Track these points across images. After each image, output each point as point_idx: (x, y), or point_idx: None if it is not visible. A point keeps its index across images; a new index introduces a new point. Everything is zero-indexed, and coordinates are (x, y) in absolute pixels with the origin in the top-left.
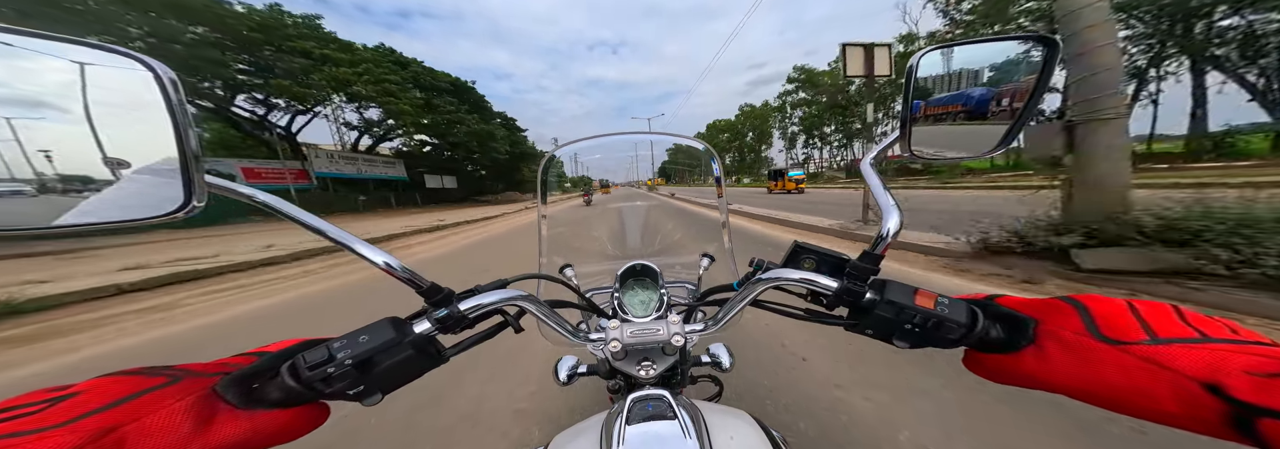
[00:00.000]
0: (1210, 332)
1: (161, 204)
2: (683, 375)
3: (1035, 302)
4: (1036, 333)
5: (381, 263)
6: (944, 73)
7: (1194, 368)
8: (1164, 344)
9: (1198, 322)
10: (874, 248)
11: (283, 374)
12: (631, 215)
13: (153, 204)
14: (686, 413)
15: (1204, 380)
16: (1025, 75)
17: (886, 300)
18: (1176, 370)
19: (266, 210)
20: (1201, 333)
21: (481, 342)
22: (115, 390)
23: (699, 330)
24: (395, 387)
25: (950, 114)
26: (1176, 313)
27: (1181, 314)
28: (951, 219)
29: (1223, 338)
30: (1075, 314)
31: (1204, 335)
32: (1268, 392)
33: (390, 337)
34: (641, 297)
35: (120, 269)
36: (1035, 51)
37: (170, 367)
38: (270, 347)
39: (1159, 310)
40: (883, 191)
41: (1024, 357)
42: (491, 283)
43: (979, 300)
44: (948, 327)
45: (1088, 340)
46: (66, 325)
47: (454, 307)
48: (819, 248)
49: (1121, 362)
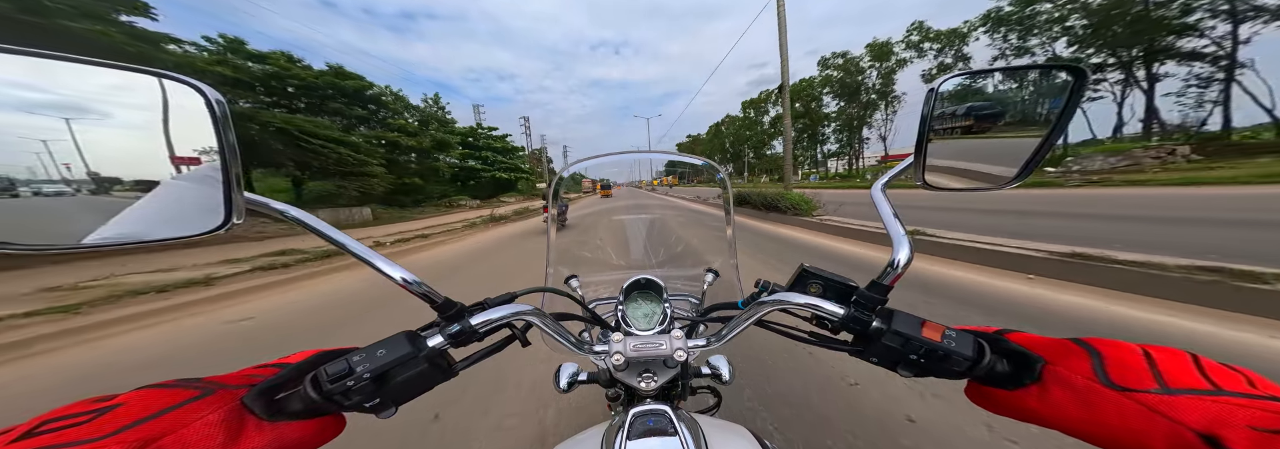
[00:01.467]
0: (1224, 383)
1: (202, 221)
2: (683, 388)
3: (1047, 341)
4: (1043, 373)
5: (399, 278)
6: (965, 100)
7: (1196, 419)
8: (1172, 394)
9: (1214, 372)
10: (882, 278)
11: (305, 386)
12: (636, 227)
13: (194, 221)
14: (687, 429)
15: (1204, 432)
16: (1048, 104)
17: (893, 330)
18: (1177, 421)
19: (298, 225)
20: (1215, 384)
21: (489, 356)
22: (154, 403)
23: (701, 346)
24: (408, 399)
25: (967, 143)
26: (1194, 362)
27: (1199, 363)
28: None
29: (1235, 391)
30: (1086, 358)
31: (1217, 387)
32: (1265, 447)
33: (406, 351)
34: (645, 309)
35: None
36: (1061, 79)
37: (200, 379)
38: (290, 358)
39: (1176, 358)
40: (893, 220)
41: (1027, 394)
42: (500, 296)
43: (988, 334)
44: (954, 360)
45: (1095, 385)
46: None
47: (466, 321)
48: (826, 273)
49: (1122, 407)
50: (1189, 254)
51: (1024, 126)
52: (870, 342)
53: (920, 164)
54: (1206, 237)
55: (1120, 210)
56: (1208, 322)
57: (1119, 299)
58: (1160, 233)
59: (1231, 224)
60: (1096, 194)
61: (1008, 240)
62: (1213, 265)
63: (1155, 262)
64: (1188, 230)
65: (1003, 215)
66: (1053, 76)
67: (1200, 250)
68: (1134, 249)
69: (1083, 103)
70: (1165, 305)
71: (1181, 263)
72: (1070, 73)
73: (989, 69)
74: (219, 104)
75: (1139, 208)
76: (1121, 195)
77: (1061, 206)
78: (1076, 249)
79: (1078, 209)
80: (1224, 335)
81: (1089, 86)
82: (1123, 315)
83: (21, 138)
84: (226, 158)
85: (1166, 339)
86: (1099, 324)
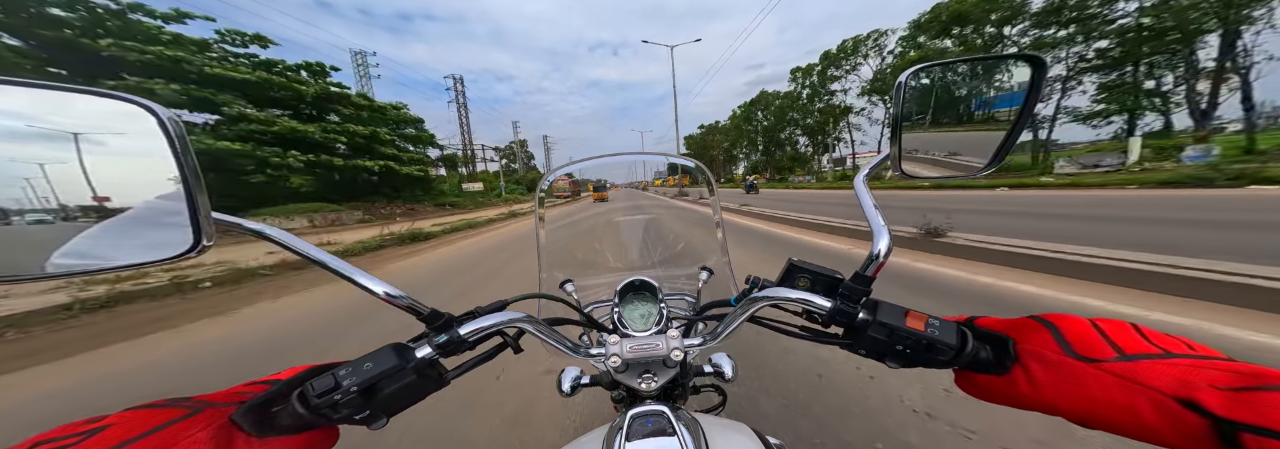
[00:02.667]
0: (1170, 348)
1: (169, 245)
2: (684, 387)
3: (1008, 321)
4: (1017, 352)
5: (381, 293)
6: (933, 91)
7: (1167, 383)
8: (1133, 360)
9: (1156, 338)
10: (865, 269)
11: (293, 402)
12: (630, 228)
13: (162, 245)
14: (686, 429)
15: (1179, 396)
16: (1013, 93)
17: (879, 322)
18: (1152, 387)
19: (275, 245)
20: (1163, 349)
21: (482, 363)
22: (142, 423)
23: (698, 344)
24: (399, 410)
25: (940, 133)
26: (1135, 330)
27: (1140, 331)
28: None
29: (1183, 354)
30: (1047, 332)
31: (1166, 351)
32: (1242, 406)
33: (393, 363)
34: (641, 310)
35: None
36: (1022, 70)
37: (189, 398)
38: (280, 374)
39: (1119, 327)
40: (874, 211)
41: (1014, 377)
42: (491, 305)
43: (961, 321)
44: (939, 348)
45: (1065, 358)
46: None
47: (454, 331)
48: (813, 266)
49: (1101, 380)
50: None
51: (992, 116)
52: (858, 334)
53: (896, 155)
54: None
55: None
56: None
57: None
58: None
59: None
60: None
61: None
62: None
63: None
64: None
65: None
66: (1014, 67)
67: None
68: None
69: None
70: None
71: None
72: (1029, 63)
73: (951, 60)
74: (173, 123)
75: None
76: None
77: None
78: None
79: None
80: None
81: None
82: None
83: None
84: (188, 179)
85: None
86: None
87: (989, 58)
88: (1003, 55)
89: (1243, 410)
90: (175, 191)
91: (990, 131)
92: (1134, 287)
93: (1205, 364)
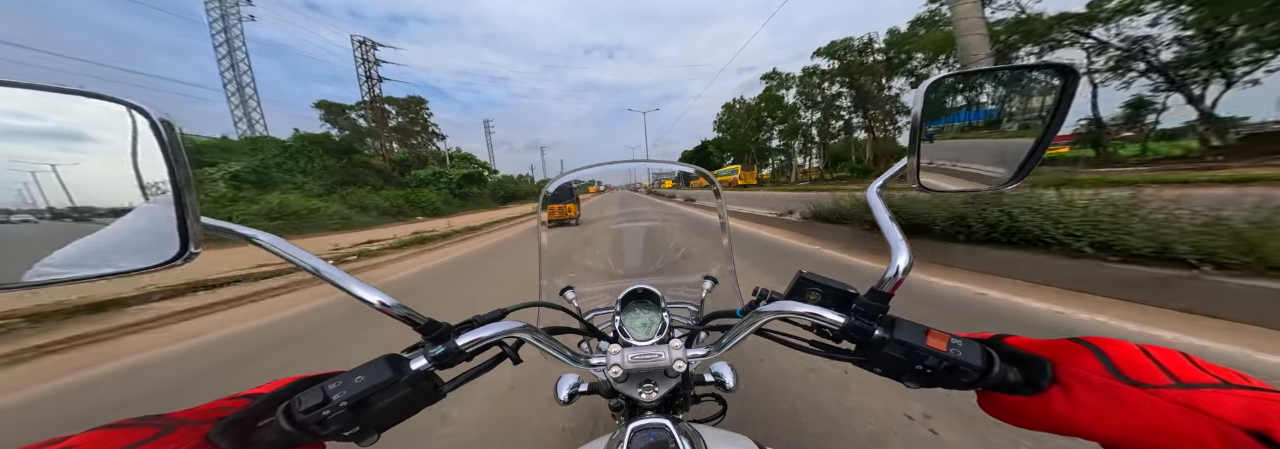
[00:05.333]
0: (1228, 378)
1: (157, 252)
2: (685, 398)
3: (1046, 342)
4: (1057, 374)
5: (376, 302)
6: (957, 101)
7: (1236, 415)
8: (1192, 388)
9: (1210, 368)
10: (882, 285)
11: (278, 418)
12: (631, 235)
13: (148, 252)
14: (688, 442)
15: (1250, 428)
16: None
17: (896, 340)
18: (1219, 417)
19: (267, 250)
20: (1221, 379)
21: (480, 375)
22: (104, 446)
23: (701, 355)
24: (392, 424)
25: (962, 144)
26: (1187, 358)
27: (1192, 360)
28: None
29: (1242, 385)
30: (1092, 355)
31: (1225, 381)
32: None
33: (387, 376)
34: (643, 319)
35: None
36: (1053, 80)
37: (161, 415)
38: (263, 388)
39: (1169, 355)
40: (890, 224)
41: (1050, 399)
42: (490, 314)
43: (986, 339)
44: (962, 370)
45: (1115, 383)
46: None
47: (451, 342)
48: (824, 279)
49: (1157, 406)
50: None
51: (1018, 127)
52: (873, 351)
53: (915, 166)
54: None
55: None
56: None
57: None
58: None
59: None
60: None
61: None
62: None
63: None
64: None
65: None
66: (1043, 76)
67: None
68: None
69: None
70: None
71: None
72: (1060, 73)
73: (978, 70)
74: (165, 126)
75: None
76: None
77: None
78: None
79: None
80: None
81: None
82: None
83: None
84: (178, 183)
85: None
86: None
87: (1018, 67)
88: (1032, 64)
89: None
90: (164, 196)
91: (1014, 140)
92: None
93: (1269, 397)
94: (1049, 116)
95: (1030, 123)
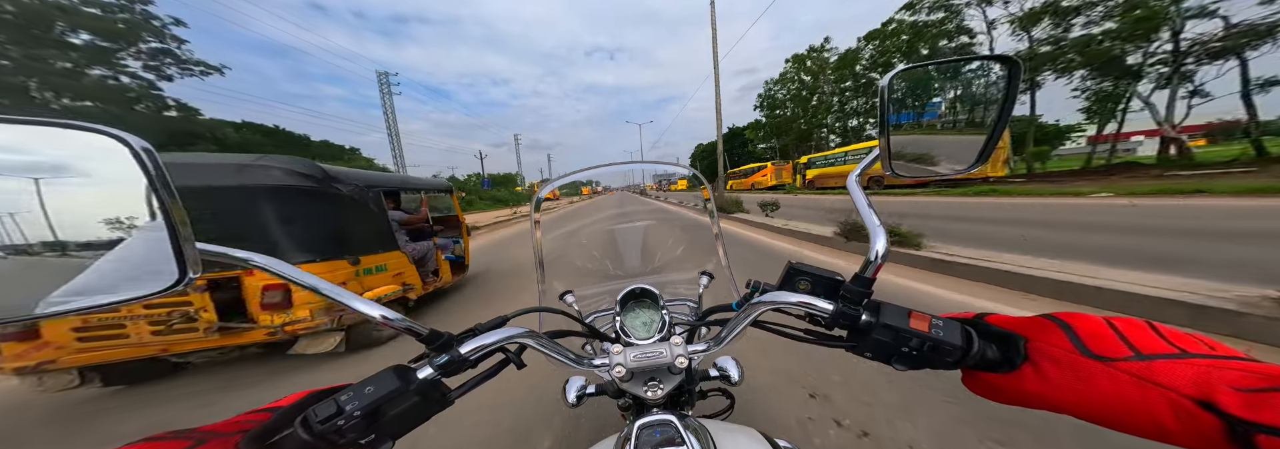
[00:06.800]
0: (1188, 347)
1: (156, 279)
2: (691, 393)
3: (1022, 319)
4: (1028, 350)
5: (377, 316)
6: (919, 92)
7: (1184, 384)
8: (1149, 360)
9: (1174, 337)
10: (864, 271)
11: (297, 428)
12: (627, 236)
13: (148, 280)
14: (695, 436)
15: (1196, 397)
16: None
17: (883, 324)
18: (1169, 387)
19: (264, 272)
20: (1180, 349)
21: (485, 381)
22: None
23: (702, 350)
24: (404, 432)
25: (927, 132)
26: (1152, 328)
27: (1157, 330)
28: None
29: (1202, 353)
30: (1060, 331)
31: (1184, 351)
32: (1259, 407)
33: (395, 386)
34: (644, 318)
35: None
36: (999, 70)
37: (192, 429)
38: (282, 401)
39: (1135, 326)
40: (869, 211)
41: (1023, 375)
42: (491, 321)
43: (969, 319)
44: (944, 349)
45: (1078, 357)
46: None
47: (455, 350)
48: (813, 268)
49: (1115, 378)
50: None
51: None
52: (862, 336)
53: (886, 154)
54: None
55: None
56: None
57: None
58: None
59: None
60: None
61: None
62: None
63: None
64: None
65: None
66: (991, 68)
67: None
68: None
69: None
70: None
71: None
72: (1004, 64)
73: (932, 62)
74: (148, 154)
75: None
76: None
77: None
78: None
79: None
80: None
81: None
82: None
83: None
84: (168, 211)
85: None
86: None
87: (967, 59)
88: (979, 56)
89: (1260, 411)
90: (156, 224)
91: (973, 127)
92: None
93: (1224, 364)
94: (1000, 104)
95: (987, 110)
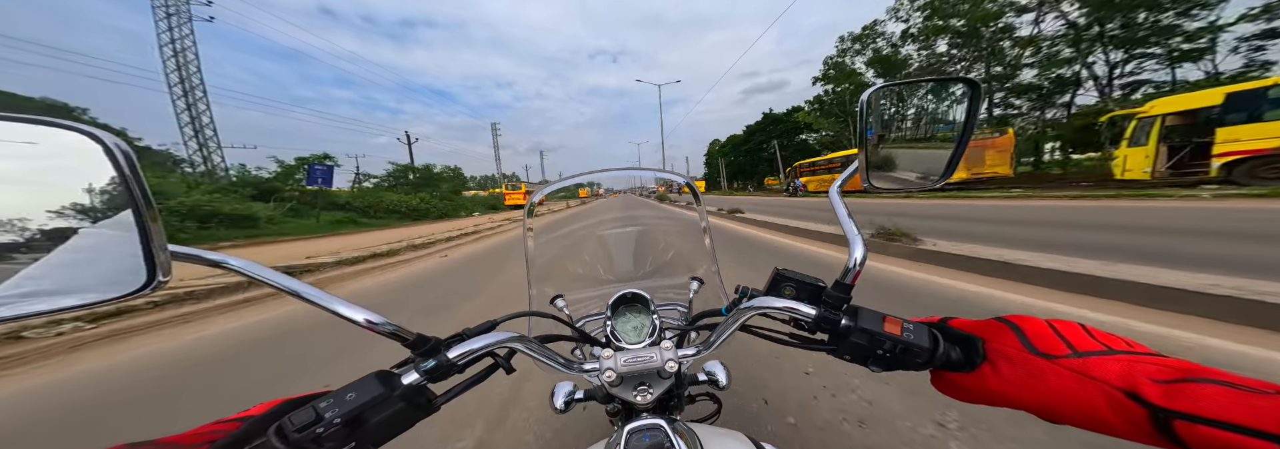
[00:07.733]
0: (1113, 345)
1: (123, 282)
2: (680, 398)
3: (979, 323)
4: (986, 351)
5: (362, 320)
6: (894, 109)
7: (1114, 377)
8: (1085, 357)
9: (1101, 336)
10: (844, 277)
11: (270, 438)
12: (619, 240)
13: (113, 283)
14: (683, 441)
15: (1124, 388)
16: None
17: (860, 327)
18: (1103, 380)
19: (240, 275)
20: (1107, 346)
21: (473, 386)
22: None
23: (692, 355)
24: (387, 439)
25: (902, 146)
26: (1084, 329)
27: (1088, 331)
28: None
29: (1124, 350)
30: (1011, 332)
31: (1109, 348)
32: (1175, 396)
33: (378, 392)
34: (634, 322)
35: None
36: (963, 91)
37: (152, 441)
38: (253, 410)
39: (1070, 328)
40: (848, 220)
41: (983, 375)
42: (480, 325)
43: (934, 323)
44: (914, 351)
45: (1028, 356)
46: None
47: (442, 355)
48: (798, 275)
49: (1059, 374)
50: None
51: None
52: (842, 340)
53: (864, 167)
54: None
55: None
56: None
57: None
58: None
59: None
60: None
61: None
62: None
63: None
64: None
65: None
66: (955, 89)
67: None
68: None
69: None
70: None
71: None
72: (965, 85)
73: (905, 81)
74: (122, 153)
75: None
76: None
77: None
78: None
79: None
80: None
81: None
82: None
83: None
84: (140, 211)
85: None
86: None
87: (934, 79)
88: (945, 77)
89: (1175, 400)
90: (127, 224)
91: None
92: None
93: (1143, 359)
94: (963, 122)
95: (953, 127)
